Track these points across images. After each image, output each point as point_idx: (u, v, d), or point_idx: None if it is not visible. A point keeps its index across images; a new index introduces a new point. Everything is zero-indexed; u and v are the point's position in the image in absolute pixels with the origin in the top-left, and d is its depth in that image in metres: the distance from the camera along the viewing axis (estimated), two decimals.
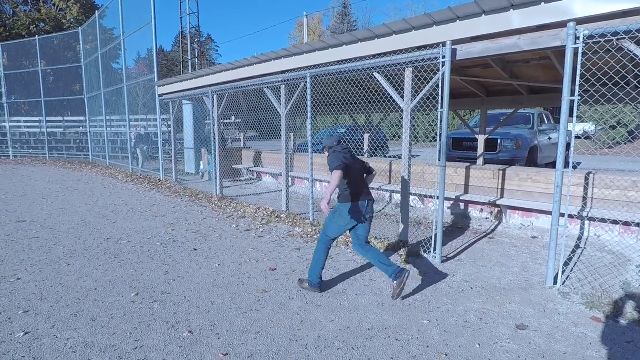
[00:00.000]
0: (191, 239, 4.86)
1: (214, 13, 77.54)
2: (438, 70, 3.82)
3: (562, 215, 3.31)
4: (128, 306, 3.02)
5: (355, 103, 8.08)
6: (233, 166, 10.06)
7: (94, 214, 6.18)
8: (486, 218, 5.64)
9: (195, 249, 4.44)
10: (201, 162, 10.41)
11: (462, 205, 5.93)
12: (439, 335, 2.61)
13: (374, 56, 4.48)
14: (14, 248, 4.47)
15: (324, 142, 3.34)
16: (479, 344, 2.50)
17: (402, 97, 4.25)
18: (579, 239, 4.70)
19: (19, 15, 19.47)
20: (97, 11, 13.35)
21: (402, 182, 4.37)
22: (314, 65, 5.20)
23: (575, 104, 3.09)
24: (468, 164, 6.11)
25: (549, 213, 4.78)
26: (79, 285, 3.43)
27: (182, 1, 22.10)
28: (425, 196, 6.14)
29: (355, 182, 3.20)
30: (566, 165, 3.22)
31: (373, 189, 6.79)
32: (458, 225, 5.50)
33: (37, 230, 5.26)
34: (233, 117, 15.04)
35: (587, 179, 4.72)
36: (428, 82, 3.98)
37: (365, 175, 3.38)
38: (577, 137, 12.78)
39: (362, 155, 8.70)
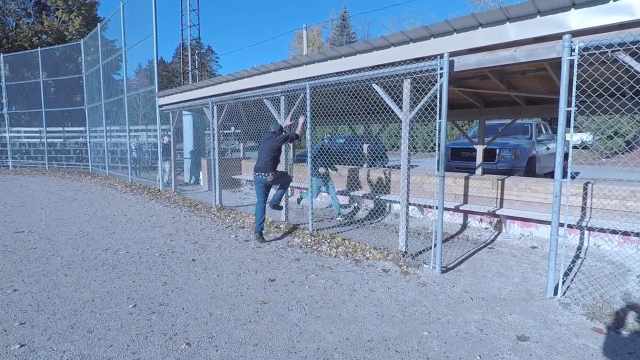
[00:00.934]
0: (190, 249, 4.84)
1: (214, 25, 78.52)
2: (436, 81, 3.87)
3: (561, 225, 3.31)
4: (125, 318, 3.00)
5: (354, 114, 8.13)
6: (232, 176, 10.07)
7: (92, 225, 6.16)
8: (485, 228, 5.63)
9: (193, 260, 4.41)
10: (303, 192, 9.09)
11: (461, 215, 5.93)
12: (439, 347, 2.58)
13: (372, 68, 4.53)
14: (11, 259, 4.44)
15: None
16: (479, 356, 2.48)
17: (401, 107, 4.28)
18: (579, 248, 4.69)
19: (21, 27, 19.68)
20: (99, 23, 13.52)
21: (400, 191, 4.38)
22: (313, 77, 5.25)
23: (572, 115, 3.12)
24: (467, 174, 6.12)
25: (548, 223, 4.78)
26: (76, 296, 3.40)
27: (183, 14, 22.41)
28: (425, 206, 6.14)
29: (258, 157, 5.18)
30: (564, 175, 3.23)
31: (372, 198, 6.80)
32: (457, 235, 5.49)
33: (34, 240, 5.23)
34: (233, 128, 15.11)
35: (585, 188, 4.73)
36: (426, 93, 4.02)
37: (275, 150, 5.08)
38: (575, 147, 12.83)
39: (361, 165, 8.72)
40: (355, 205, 7.34)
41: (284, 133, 5.35)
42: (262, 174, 5.09)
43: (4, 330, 2.79)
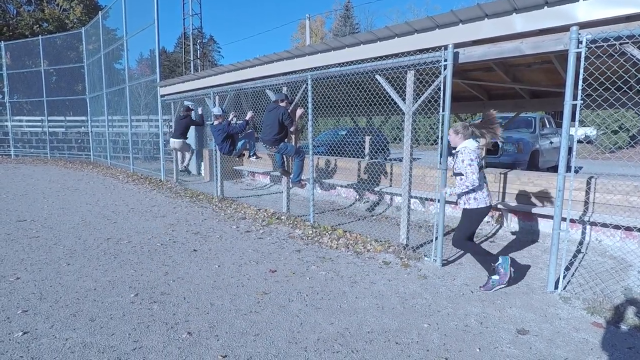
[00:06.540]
0: (191, 239, 4.85)
1: (216, 14, 77.71)
2: (440, 73, 3.82)
3: (564, 219, 3.29)
4: (127, 307, 3.01)
5: (357, 105, 8.08)
6: (234, 167, 10.06)
7: (94, 214, 6.18)
8: (487, 221, 5.62)
9: (195, 250, 4.43)
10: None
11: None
12: (439, 339, 2.59)
13: (375, 59, 4.48)
14: (13, 247, 4.47)
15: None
16: (479, 349, 2.48)
17: (404, 99, 4.25)
18: (580, 243, 4.68)
19: (22, 15, 19.54)
20: (100, 11, 13.41)
21: (402, 184, 4.36)
22: (316, 67, 5.20)
23: (578, 108, 3.08)
24: None
25: (550, 217, 4.76)
26: (78, 285, 3.42)
27: (185, 2, 22.20)
28: (426, 199, 6.12)
29: (263, 128, 5.42)
30: (568, 169, 3.21)
31: (374, 191, 6.79)
32: None
33: (37, 229, 5.25)
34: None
35: (588, 183, 4.70)
36: (430, 85, 3.98)
37: (279, 123, 5.18)
38: (579, 142, 12.74)
39: (363, 157, 8.69)
40: (358, 197, 7.34)
41: (287, 105, 5.40)
42: (268, 146, 5.47)
43: (7, 318, 2.81)
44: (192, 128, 11.17)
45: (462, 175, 3.17)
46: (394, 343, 2.55)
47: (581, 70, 3.00)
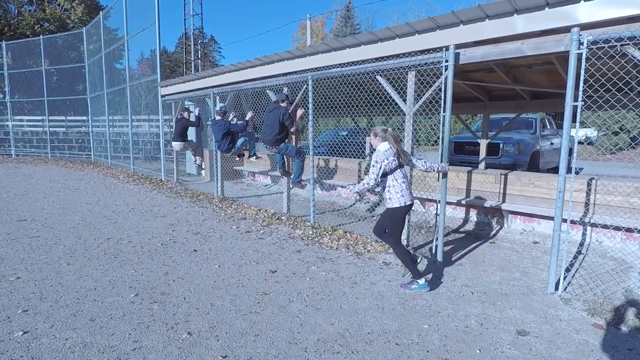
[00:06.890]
0: (191, 240, 4.85)
1: (217, 15, 77.62)
2: (441, 74, 3.82)
3: (564, 220, 3.29)
4: (127, 307, 3.01)
5: (358, 106, 8.07)
6: (234, 167, 10.06)
7: (94, 214, 6.19)
8: (487, 223, 5.62)
9: (195, 250, 4.43)
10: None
11: (463, 210, 5.91)
12: (439, 340, 2.59)
13: (376, 59, 4.48)
14: (14, 247, 4.47)
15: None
16: (479, 350, 2.48)
17: (405, 100, 4.25)
18: (581, 244, 4.68)
19: (23, 14, 19.56)
20: (101, 12, 13.42)
21: None
22: (317, 68, 5.21)
23: (579, 110, 3.08)
24: (470, 168, 6.09)
25: (550, 218, 4.75)
26: (78, 285, 3.42)
27: (186, 2, 22.22)
28: (427, 200, 6.12)
29: (263, 128, 5.44)
30: (568, 170, 3.21)
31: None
32: (459, 230, 5.48)
33: (37, 229, 5.26)
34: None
35: (589, 184, 4.70)
36: (431, 86, 3.98)
37: (279, 123, 5.21)
38: (580, 143, 12.73)
39: (364, 158, 8.68)
40: (359, 198, 7.34)
41: (287, 105, 5.40)
42: (268, 146, 5.48)
43: (7, 318, 2.81)
44: (193, 129, 11.23)
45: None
46: (394, 344, 2.54)
47: (582, 72, 3.00)
